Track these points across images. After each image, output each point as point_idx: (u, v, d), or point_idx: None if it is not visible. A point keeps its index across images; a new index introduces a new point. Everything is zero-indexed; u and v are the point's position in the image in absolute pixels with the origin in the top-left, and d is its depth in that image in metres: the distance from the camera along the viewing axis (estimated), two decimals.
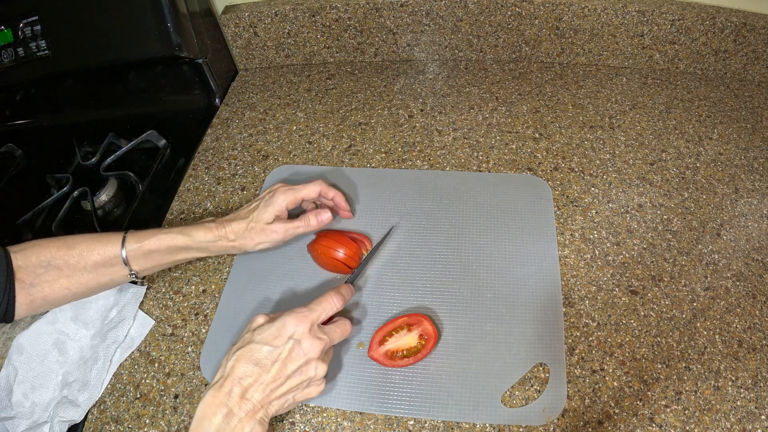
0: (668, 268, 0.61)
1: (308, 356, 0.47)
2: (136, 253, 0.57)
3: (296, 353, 0.46)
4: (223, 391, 0.44)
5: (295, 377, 0.46)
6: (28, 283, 0.53)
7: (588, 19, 0.80)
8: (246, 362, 0.45)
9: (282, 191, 0.61)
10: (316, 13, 0.85)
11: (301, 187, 0.61)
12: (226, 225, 0.59)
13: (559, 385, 0.53)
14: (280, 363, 0.45)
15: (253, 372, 0.45)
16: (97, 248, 0.56)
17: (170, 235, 0.58)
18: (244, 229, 0.59)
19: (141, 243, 0.57)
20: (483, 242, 0.64)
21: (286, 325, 0.47)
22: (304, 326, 0.47)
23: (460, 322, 0.58)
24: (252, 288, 0.63)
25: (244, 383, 0.44)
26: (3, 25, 0.79)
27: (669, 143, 0.74)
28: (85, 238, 0.56)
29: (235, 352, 0.46)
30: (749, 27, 0.75)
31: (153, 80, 0.87)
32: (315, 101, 0.86)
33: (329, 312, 0.51)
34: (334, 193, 0.64)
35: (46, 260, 0.54)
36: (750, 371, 0.53)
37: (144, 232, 0.58)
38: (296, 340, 0.46)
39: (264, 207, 0.60)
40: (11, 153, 0.87)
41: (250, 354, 0.45)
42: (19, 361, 0.58)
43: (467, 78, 0.87)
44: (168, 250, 0.58)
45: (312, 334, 0.47)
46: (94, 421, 0.55)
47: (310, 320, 0.48)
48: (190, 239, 0.58)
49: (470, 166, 0.73)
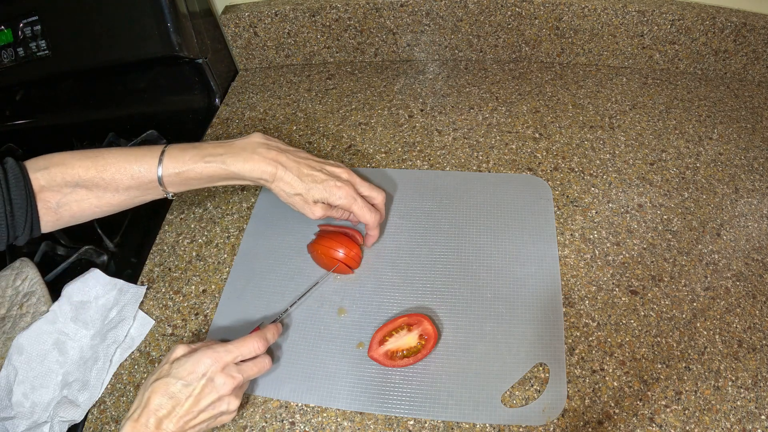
0: (668, 268, 0.61)
1: (220, 393, 0.47)
2: (173, 180, 0.54)
3: (208, 390, 0.47)
4: (140, 422, 0.45)
5: (208, 411, 0.47)
6: (55, 202, 0.51)
7: (588, 19, 0.80)
8: (161, 395, 0.46)
9: (343, 195, 0.56)
10: (316, 13, 0.85)
11: (360, 206, 0.58)
12: (280, 169, 0.55)
13: (559, 385, 0.53)
14: (193, 398, 0.46)
15: (167, 404, 0.46)
16: (130, 170, 0.52)
17: (213, 165, 0.54)
18: (292, 187, 0.55)
19: (180, 170, 0.53)
20: (483, 242, 0.64)
21: (201, 362, 0.47)
22: (218, 365, 0.48)
23: (460, 322, 0.58)
24: (252, 288, 0.63)
25: (158, 414, 0.45)
26: (3, 25, 0.79)
27: (669, 143, 0.74)
28: (118, 159, 0.52)
29: (152, 383, 0.47)
30: (749, 27, 0.75)
31: (153, 80, 0.87)
32: (315, 101, 0.86)
33: (247, 356, 0.51)
34: (375, 233, 0.61)
35: (73, 181, 0.51)
36: (750, 371, 0.53)
37: (184, 153, 0.54)
38: (209, 378, 0.47)
39: (318, 189, 0.56)
40: (11, 153, 0.87)
41: (165, 387, 0.46)
42: (19, 361, 0.58)
43: (467, 78, 0.87)
44: (209, 179, 0.55)
45: (225, 373, 0.48)
46: (94, 421, 0.55)
47: (224, 361, 0.48)
48: (233, 172, 0.54)
49: (470, 166, 0.73)
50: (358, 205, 0.58)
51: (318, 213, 0.57)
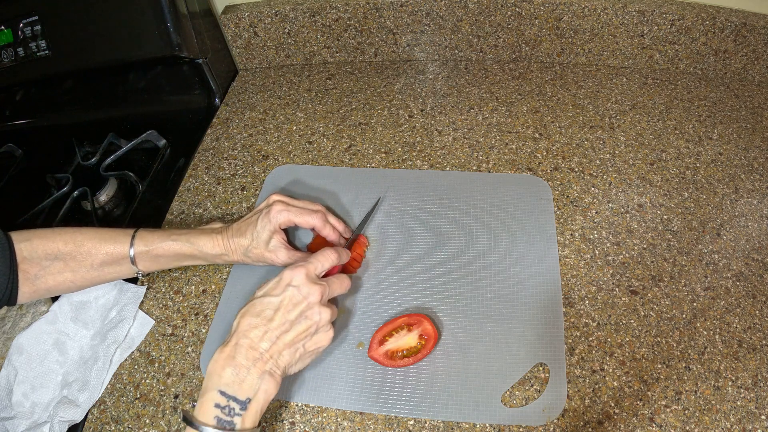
0: (668, 268, 0.61)
1: (309, 300, 0.48)
2: (143, 256, 0.58)
3: (297, 298, 0.47)
4: (230, 344, 0.45)
5: (301, 322, 0.47)
6: (33, 274, 0.54)
7: (588, 19, 0.80)
8: (250, 316, 0.46)
9: (277, 210, 0.58)
10: (316, 13, 0.85)
11: (297, 212, 0.59)
12: (230, 240, 0.59)
13: (559, 385, 0.53)
14: (283, 309, 0.46)
15: (257, 323, 0.46)
16: (105, 248, 0.56)
17: (179, 242, 0.58)
18: (246, 247, 0.59)
19: (150, 247, 0.57)
20: (483, 242, 0.64)
21: (284, 276, 0.48)
22: (301, 274, 0.48)
23: (460, 322, 0.58)
24: (252, 288, 0.63)
25: (250, 335, 0.45)
26: (3, 25, 0.79)
27: (669, 143, 0.74)
28: (93, 236, 0.56)
29: (240, 311, 0.48)
30: (749, 27, 0.75)
31: (153, 80, 0.87)
32: (315, 101, 0.86)
33: (325, 265, 0.51)
34: (329, 232, 0.60)
35: (52, 254, 0.54)
36: (750, 371, 0.53)
37: (153, 234, 0.58)
38: (294, 286, 0.48)
39: (261, 226, 0.58)
40: (11, 153, 0.87)
41: (253, 308, 0.47)
42: (19, 361, 0.58)
43: (467, 78, 0.87)
44: (175, 257, 0.59)
45: (310, 280, 0.48)
46: (94, 421, 0.55)
47: (306, 269, 0.49)
48: (198, 250, 0.58)
49: (470, 166, 0.73)
50: (294, 211, 0.59)
51: (282, 256, 0.58)
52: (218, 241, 0.59)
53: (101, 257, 0.56)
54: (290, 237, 0.67)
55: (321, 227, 0.60)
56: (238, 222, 0.61)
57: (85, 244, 0.55)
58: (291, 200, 0.61)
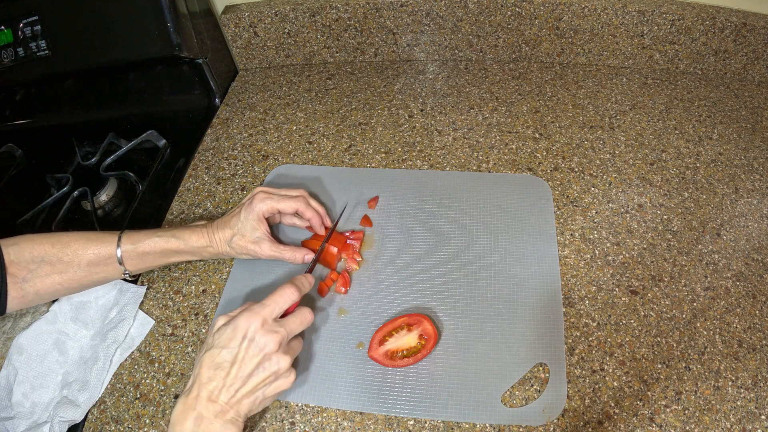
0: (668, 268, 0.61)
1: (265, 351, 0.47)
2: (130, 254, 0.58)
3: (252, 351, 0.47)
4: (191, 396, 0.45)
5: (257, 374, 0.47)
6: (21, 278, 0.54)
7: (588, 19, 0.80)
8: (208, 367, 0.46)
9: (260, 198, 0.60)
10: (316, 13, 0.85)
11: (279, 198, 0.61)
12: (215, 232, 0.60)
13: (559, 385, 0.53)
14: (239, 363, 0.46)
15: (214, 376, 0.46)
16: (91, 248, 0.56)
17: (164, 238, 0.59)
18: (230, 238, 0.59)
19: (136, 245, 0.58)
20: (483, 242, 0.64)
21: (239, 324, 0.47)
22: (256, 323, 0.47)
23: (460, 322, 0.58)
24: (252, 288, 0.63)
25: (209, 387, 0.45)
26: (3, 25, 0.79)
27: (669, 143, 0.74)
28: (80, 237, 0.57)
29: (200, 357, 0.47)
30: (749, 27, 0.75)
31: (153, 80, 0.87)
32: (315, 101, 0.86)
33: (283, 306, 0.50)
34: (312, 215, 0.62)
35: (39, 256, 0.54)
36: (750, 371, 0.53)
37: (139, 233, 0.58)
38: (250, 339, 0.47)
39: (245, 216, 0.60)
40: (11, 153, 0.87)
41: (211, 359, 0.46)
42: (19, 361, 0.58)
43: (467, 78, 0.87)
44: (162, 253, 0.59)
45: (265, 330, 0.47)
46: (94, 421, 0.55)
47: (262, 316, 0.48)
48: (183, 243, 0.59)
49: (470, 166, 0.73)
50: (276, 198, 0.61)
51: (265, 248, 0.59)
52: (203, 234, 0.60)
53: (88, 257, 0.56)
54: (285, 238, 0.67)
55: (304, 210, 0.61)
56: (224, 215, 0.62)
57: (72, 245, 0.56)
58: (273, 189, 0.62)
